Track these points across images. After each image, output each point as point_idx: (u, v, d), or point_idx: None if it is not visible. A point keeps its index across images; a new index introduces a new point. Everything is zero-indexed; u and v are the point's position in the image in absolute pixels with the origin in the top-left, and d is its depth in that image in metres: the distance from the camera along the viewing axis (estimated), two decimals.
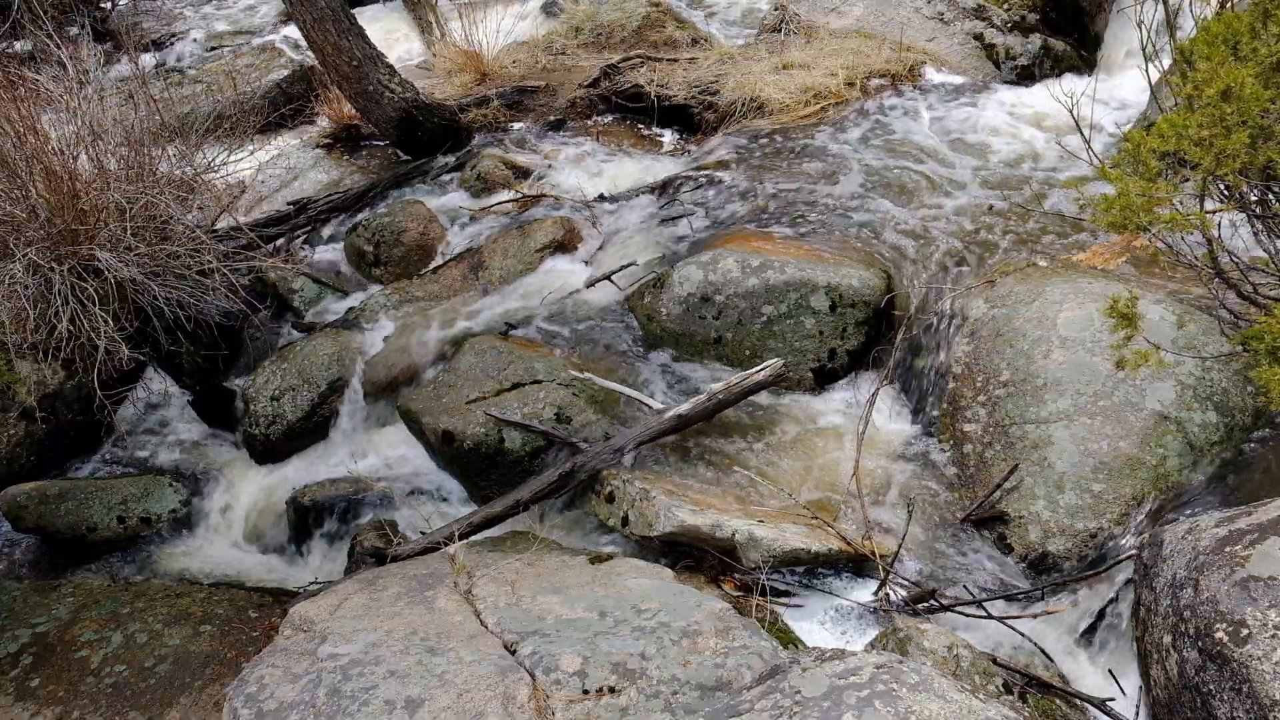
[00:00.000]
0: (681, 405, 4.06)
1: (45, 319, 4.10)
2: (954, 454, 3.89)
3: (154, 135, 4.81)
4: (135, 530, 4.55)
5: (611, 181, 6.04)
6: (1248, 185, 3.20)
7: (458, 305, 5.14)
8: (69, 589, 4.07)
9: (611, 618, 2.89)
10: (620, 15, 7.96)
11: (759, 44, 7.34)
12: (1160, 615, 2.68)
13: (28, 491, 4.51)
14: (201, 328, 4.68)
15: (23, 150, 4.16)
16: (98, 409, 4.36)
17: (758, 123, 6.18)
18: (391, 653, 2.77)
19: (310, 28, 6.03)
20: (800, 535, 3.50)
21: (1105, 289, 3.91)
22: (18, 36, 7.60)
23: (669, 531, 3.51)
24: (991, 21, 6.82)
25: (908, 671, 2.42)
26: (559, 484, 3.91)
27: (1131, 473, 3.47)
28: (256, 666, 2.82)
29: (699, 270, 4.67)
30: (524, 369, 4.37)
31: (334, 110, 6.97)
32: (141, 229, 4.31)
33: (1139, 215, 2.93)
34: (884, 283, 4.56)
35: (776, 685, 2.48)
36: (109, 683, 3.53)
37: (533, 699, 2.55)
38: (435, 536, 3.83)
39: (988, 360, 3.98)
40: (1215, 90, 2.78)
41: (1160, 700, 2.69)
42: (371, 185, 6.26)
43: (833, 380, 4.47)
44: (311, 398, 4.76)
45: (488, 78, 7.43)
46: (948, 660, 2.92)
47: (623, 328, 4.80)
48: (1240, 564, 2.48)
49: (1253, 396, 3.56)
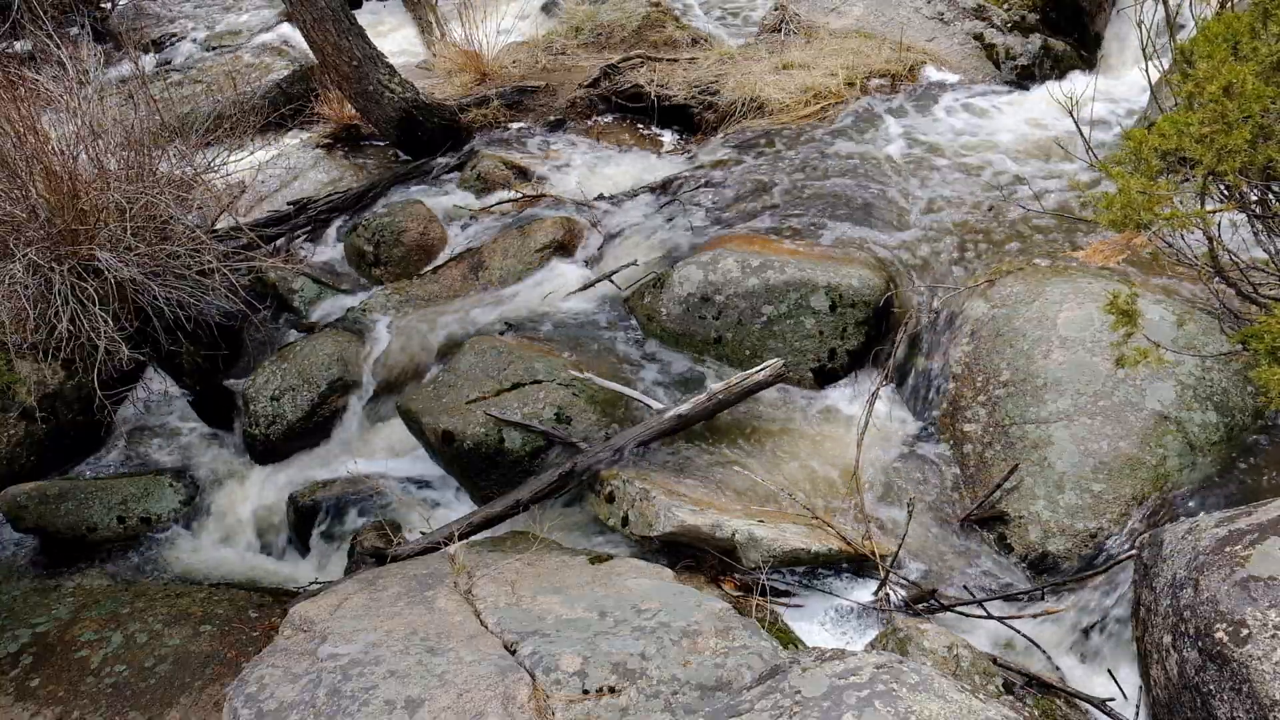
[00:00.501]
0: (681, 405, 4.06)
1: (45, 319, 4.10)
2: (954, 454, 3.89)
3: (154, 135, 4.80)
4: (135, 530, 4.55)
5: (611, 181, 6.04)
6: (1248, 185, 3.20)
7: (458, 305, 5.14)
8: (69, 589, 4.08)
9: (611, 618, 2.89)
10: (620, 15, 7.95)
11: (759, 44, 7.34)
12: (1160, 615, 2.67)
13: (28, 491, 4.51)
14: (201, 328, 4.68)
15: (23, 150, 4.15)
16: (98, 409, 4.36)
17: (758, 123, 6.18)
18: (391, 653, 2.77)
19: (310, 28, 6.03)
20: (800, 535, 3.50)
21: (1105, 289, 3.91)
22: (18, 36, 7.60)
23: (669, 531, 3.51)
24: (991, 21, 6.82)
25: (908, 671, 2.42)
26: (559, 484, 3.90)
27: (1131, 473, 3.47)
28: (256, 666, 2.82)
29: (699, 270, 4.67)
30: (524, 369, 4.37)
31: (334, 110, 6.96)
32: (141, 229, 4.31)
33: (1139, 213, 2.93)
34: (884, 283, 4.56)
35: (776, 685, 2.48)
36: (109, 683, 3.54)
37: (533, 699, 2.55)
38: (435, 536, 3.83)
39: (988, 360, 3.97)
40: (1217, 87, 2.78)
41: (1160, 700, 2.69)
42: (371, 185, 6.25)
43: (833, 380, 4.47)
44: (311, 398, 4.76)
45: (488, 78, 7.43)
46: (948, 660, 2.92)
47: (623, 328, 4.80)
48: (1240, 564, 2.48)
49: (1253, 396, 3.56)
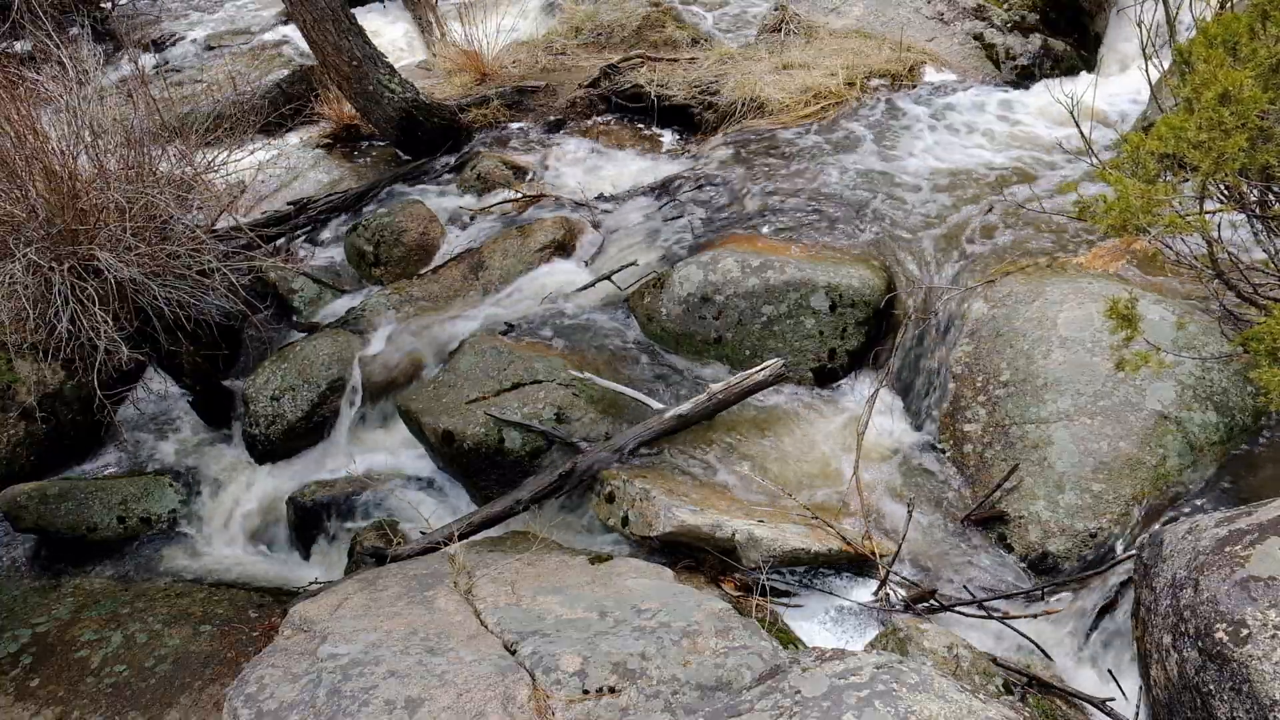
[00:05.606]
0: (682, 405, 4.06)
1: (45, 319, 4.09)
2: (954, 454, 3.89)
3: (154, 135, 4.80)
4: (135, 530, 4.56)
5: (611, 181, 6.04)
6: (1247, 185, 3.20)
7: (458, 305, 5.14)
8: (69, 589, 4.08)
9: (611, 618, 2.89)
10: (620, 15, 7.96)
11: (759, 44, 7.34)
12: (1160, 615, 2.67)
13: (28, 491, 4.51)
14: (201, 328, 4.67)
15: (22, 150, 4.15)
16: (98, 409, 4.36)
17: (758, 123, 6.18)
18: (391, 653, 2.77)
19: (310, 28, 6.03)
20: (800, 535, 3.50)
21: (1105, 289, 3.92)
22: (18, 36, 7.60)
23: (669, 531, 3.51)
24: (991, 21, 6.82)
25: (908, 671, 2.42)
26: (559, 484, 3.91)
27: (1131, 473, 3.47)
28: (256, 666, 2.82)
29: (699, 270, 4.67)
30: (524, 369, 4.37)
31: (334, 110, 6.97)
32: (141, 229, 4.30)
33: (1138, 217, 2.93)
34: (884, 283, 4.56)
35: (776, 685, 2.49)
36: (109, 683, 3.54)
37: (533, 699, 2.55)
38: (435, 536, 3.83)
39: (988, 360, 3.98)
40: (1214, 94, 2.78)
41: (1160, 700, 2.69)
42: (371, 185, 6.26)
43: (833, 380, 4.47)
44: (311, 398, 4.76)
45: (488, 77, 7.43)
46: (948, 660, 2.92)
47: (623, 328, 4.80)
48: (1240, 564, 2.48)
49: (1253, 396, 3.56)
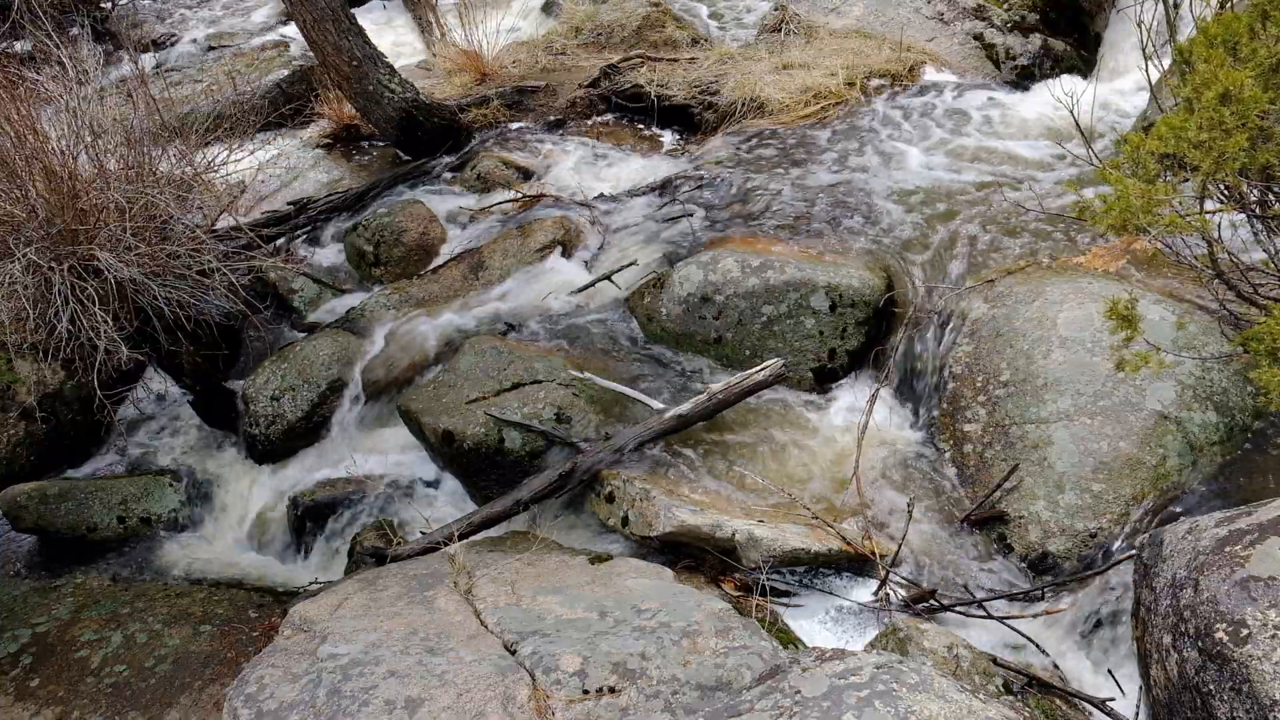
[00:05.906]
0: (682, 405, 4.06)
1: (45, 319, 4.09)
2: (954, 454, 3.89)
3: (154, 135, 4.80)
4: (135, 530, 4.56)
5: (611, 181, 6.04)
6: (1247, 185, 3.20)
7: (458, 305, 5.14)
8: (69, 589, 4.08)
9: (611, 618, 2.89)
10: (620, 15, 7.96)
11: (759, 44, 7.34)
12: (1160, 615, 2.67)
13: (28, 491, 4.51)
14: (201, 328, 4.67)
15: (22, 150, 4.15)
16: (98, 409, 4.36)
17: (758, 123, 6.18)
18: (391, 653, 2.77)
19: (310, 28, 6.03)
20: (800, 535, 3.50)
21: (1105, 289, 3.92)
22: (18, 36, 7.60)
23: (669, 531, 3.51)
24: (991, 21, 6.82)
25: (908, 671, 2.42)
26: (559, 484, 3.91)
27: (1131, 473, 3.47)
28: (256, 666, 2.82)
29: (699, 270, 4.67)
30: (524, 369, 4.37)
31: (334, 110, 6.97)
32: (141, 229, 4.30)
33: (1138, 217, 2.93)
34: (884, 283, 4.56)
35: (776, 685, 2.48)
36: (109, 683, 3.54)
37: (533, 699, 2.55)
38: (435, 536, 3.83)
39: (988, 360, 3.98)
40: (1214, 94, 2.78)
41: (1160, 700, 2.69)
42: (371, 185, 6.26)
43: (833, 380, 4.47)
44: (311, 398, 4.76)
45: (488, 77, 7.43)
46: (948, 660, 2.92)
47: (623, 328, 4.80)
48: (1240, 564, 2.48)
49: (1253, 396, 3.56)
